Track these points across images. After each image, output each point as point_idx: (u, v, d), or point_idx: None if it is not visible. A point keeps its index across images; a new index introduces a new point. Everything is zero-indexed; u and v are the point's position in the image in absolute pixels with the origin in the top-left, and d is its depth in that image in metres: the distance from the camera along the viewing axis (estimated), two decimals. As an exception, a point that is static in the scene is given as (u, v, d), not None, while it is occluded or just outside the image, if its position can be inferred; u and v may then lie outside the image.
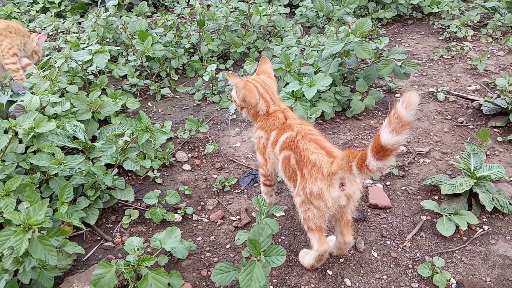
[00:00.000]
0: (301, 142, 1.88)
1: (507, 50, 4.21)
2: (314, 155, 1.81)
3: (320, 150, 1.83)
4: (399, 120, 1.42)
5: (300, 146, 1.88)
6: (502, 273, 1.97)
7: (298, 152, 1.87)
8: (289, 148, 1.92)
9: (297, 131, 1.93)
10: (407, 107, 1.40)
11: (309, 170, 1.81)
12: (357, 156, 1.64)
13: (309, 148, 1.85)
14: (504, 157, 2.74)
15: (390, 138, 1.47)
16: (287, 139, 1.94)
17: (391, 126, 1.45)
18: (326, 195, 1.76)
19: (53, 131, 2.46)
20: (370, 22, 3.09)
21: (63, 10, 5.76)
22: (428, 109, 3.37)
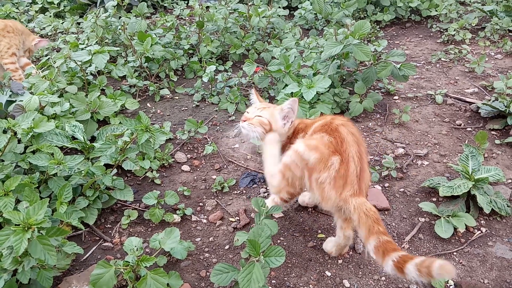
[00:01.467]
0: (342, 129, 1.86)
1: (505, 54, 4.24)
2: (353, 164, 1.79)
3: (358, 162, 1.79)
4: (427, 271, 1.45)
5: (341, 132, 1.84)
6: (500, 275, 1.98)
7: (338, 137, 1.83)
8: (324, 131, 1.89)
9: (331, 118, 1.96)
10: (440, 271, 1.43)
11: (340, 173, 1.78)
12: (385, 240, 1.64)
13: (352, 146, 1.82)
14: (502, 160, 2.75)
15: (412, 272, 1.50)
16: (320, 124, 1.95)
17: (419, 267, 1.48)
18: (329, 203, 1.81)
19: (52, 131, 2.46)
20: (369, 24, 3.11)
21: (62, 10, 5.76)
22: (426, 111, 3.39)
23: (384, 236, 1.65)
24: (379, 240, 1.63)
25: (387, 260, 1.58)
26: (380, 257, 1.61)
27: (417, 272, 1.47)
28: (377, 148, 2.95)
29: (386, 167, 2.66)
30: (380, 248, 1.62)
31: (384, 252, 1.60)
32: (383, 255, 1.60)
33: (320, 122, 1.98)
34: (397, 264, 1.54)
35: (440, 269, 1.42)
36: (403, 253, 1.56)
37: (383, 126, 3.20)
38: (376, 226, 1.67)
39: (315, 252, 2.13)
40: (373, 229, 1.66)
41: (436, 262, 1.44)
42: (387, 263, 1.58)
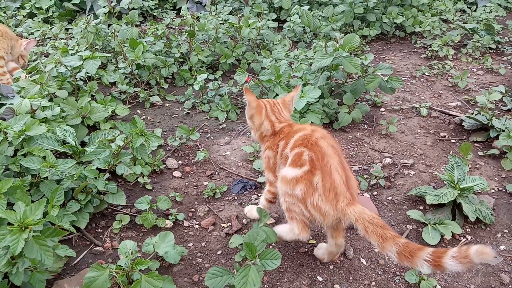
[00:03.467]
0: (322, 142, 1.88)
1: (486, 70, 4.40)
2: (337, 175, 1.81)
3: (342, 172, 1.82)
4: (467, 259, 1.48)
5: (322, 146, 1.86)
6: (485, 281, 2.04)
7: (318, 151, 1.85)
8: (303, 146, 1.90)
9: (311, 129, 1.97)
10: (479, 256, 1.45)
11: (326, 187, 1.80)
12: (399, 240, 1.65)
13: (334, 158, 1.84)
14: (485, 171, 2.85)
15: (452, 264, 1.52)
16: (300, 137, 1.94)
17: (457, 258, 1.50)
18: (329, 218, 1.82)
19: (43, 135, 2.45)
20: (358, 38, 3.20)
21: (50, 16, 5.73)
22: (412, 123, 3.48)
23: (400, 238, 1.66)
24: (398, 245, 1.63)
25: (418, 261, 1.58)
26: (409, 261, 1.60)
27: (458, 264, 1.49)
28: (365, 157, 3.01)
29: (374, 176, 2.73)
30: (405, 252, 1.61)
31: (411, 255, 1.60)
32: (411, 257, 1.59)
33: (301, 134, 1.96)
34: (433, 263, 1.55)
35: (478, 253, 1.44)
36: (432, 249, 1.57)
37: (371, 136, 3.28)
38: (387, 231, 1.68)
39: (307, 258, 2.16)
40: (386, 235, 1.66)
41: (472, 248, 1.46)
42: (421, 264, 1.57)
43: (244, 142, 3.22)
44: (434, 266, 1.55)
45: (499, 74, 4.27)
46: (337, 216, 1.81)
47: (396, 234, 1.68)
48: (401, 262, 1.64)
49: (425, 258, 1.56)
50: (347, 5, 5.11)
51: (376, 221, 1.71)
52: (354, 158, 3.01)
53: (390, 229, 1.70)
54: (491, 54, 4.78)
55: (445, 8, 5.71)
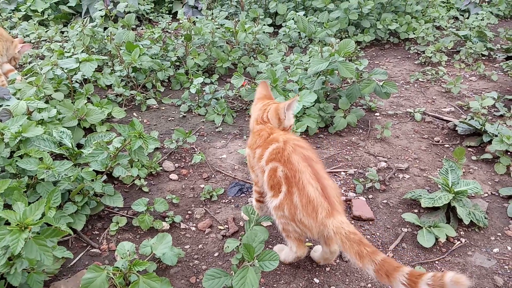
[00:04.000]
0: (294, 157, 1.87)
1: (479, 76, 4.46)
2: (311, 187, 1.81)
3: (316, 183, 1.81)
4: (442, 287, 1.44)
5: (293, 163, 1.86)
6: (479, 283, 2.07)
7: (291, 169, 1.85)
8: (277, 160, 1.91)
9: (283, 141, 1.94)
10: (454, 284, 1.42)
11: (303, 203, 1.81)
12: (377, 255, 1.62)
13: (305, 173, 1.83)
14: (478, 175, 2.89)
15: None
16: (273, 151, 1.94)
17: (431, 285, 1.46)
18: (313, 231, 1.83)
19: (40, 137, 2.45)
20: (353, 43, 3.24)
21: (46, 19, 5.72)
22: (406, 128, 3.52)
23: (376, 255, 1.61)
24: (375, 263, 1.60)
25: (394, 282, 1.54)
26: (385, 280, 1.57)
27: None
28: (360, 161, 3.04)
29: (369, 180, 2.75)
30: (381, 271, 1.57)
31: (387, 275, 1.56)
32: (387, 277, 1.56)
33: (274, 147, 1.95)
34: (409, 285, 1.51)
35: (453, 282, 1.41)
36: (408, 271, 1.53)
37: (366, 140, 3.31)
38: (363, 248, 1.63)
39: (303, 260, 2.17)
40: (362, 253, 1.63)
41: (448, 275, 1.42)
42: (397, 285, 1.53)
43: (241, 145, 3.23)
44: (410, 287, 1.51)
45: (491, 80, 4.33)
46: (319, 229, 1.80)
47: (373, 250, 1.63)
48: (379, 280, 1.61)
49: (401, 280, 1.52)
50: (342, 11, 5.17)
51: (352, 237, 1.68)
52: (350, 162, 3.04)
53: (367, 245, 1.65)
54: (483, 60, 4.85)
55: (438, 15, 5.79)
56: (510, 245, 2.29)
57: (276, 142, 1.97)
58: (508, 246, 2.28)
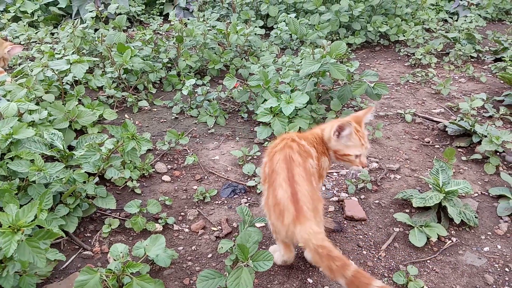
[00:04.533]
0: (276, 156, 1.85)
1: (468, 77, 4.52)
2: (281, 190, 1.76)
3: (288, 187, 1.76)
4: None
5: (274, 161, 1.84)
6: (470, 281, 2.09)
7: (270, 167, 1.85)
8: (267, 155, 1.92)
9: (282, 138, 1.94)
10: None
11: (273, 204, 1.79)
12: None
13: (280, 174, 1.79)
14: (468, 175, 2.92)
15: None
16: (272, 145, 1.97)
17: None
18: (282, 235, 1.80)
19: (31, 139, 2.43)
20: (345, 45, 3.27)
21: (36, 20, 5.67)
22: (397, 129, 3.55)
23: (347, 270, 1.55)
24: (345, 278, 1.55)
25: None
26: None
27: None
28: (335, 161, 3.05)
29: (362, 180, 2.77)
30: (352, 285, 1.54)
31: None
32: None
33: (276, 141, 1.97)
34: None
35: None
36: (380, 285, 1.51)
37: (358, 141, 3.33)
38: (332, 263, 1.57)
39: (297, 260, 2.17)
40: (331, 267, 1.58)
41: None
42: None
43: (233, 146, 3.24)
44: None
45: (480, 82, 4.39)
46: (286, 234, 1.74)
47: (343, 264, 1.57)
48: None
49: None
50: (333, 14, 5.21)
51: (320, 251, 1.61)
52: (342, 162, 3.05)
53: (336, 259, 1.58)
54: (472, 62, 4.92)
55: (427, 18, 5.86)
56: (500, 243, 2.32)
57: (279, 137, 1.98)
58: (498, 245, 2.31)
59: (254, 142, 3.27)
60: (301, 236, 1.66)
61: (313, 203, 1.77)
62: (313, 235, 1.64)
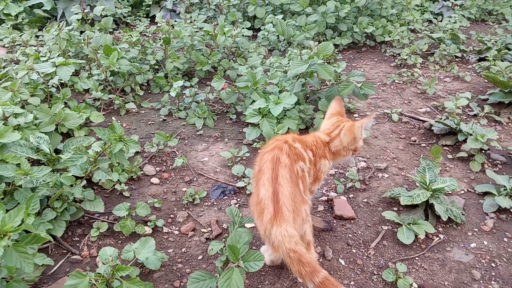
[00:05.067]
0: (265, 156, 1.86)
1: (453, 77, 4.59)
2: (264, 189, 1.77)
3: (270, 187, 1.76)
4: None
5: (262, 161, 1.86)
6: (458, 277, 2.12)
7: (258, 165, 1.88)
8: (259, 154, 1.94)
9: (276, 139, 1.95)
10: None
11: (255, 202, 1.81)
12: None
13: (265, 174, 1.80)
14: (454, 173, 2.97)
15: None
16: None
17: None
18: (261, 233, 1.79)
19: (17, 142, 2.39)
20: (332, 45, 3.29)
21: (20, 23, 5.60)
22: (384, 128, 3.59)
23: (316, 276, 1.58)
24: (314, 284, 1.58)
25: None
26: None
27: None
28: (340, 162, 3.08)
29: (350, 179, 2.79)
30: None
31: None
32: None
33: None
34: None
35: None
36: None
37: (346, 141, 3.36)
38: (302, 268, 1.59)
39: (287, 260, 2.18)
40: (301, 272, 1.60)
41: None
42: None
43: (222, 148, 3.23)
44: None
45: (465, 81, 4.46)
46: (264, 232, 1.73)
47: (312, 270, 1.59)
48: None
49: None
50: (319, 15, 5.24)
51: (292, 256, 1.62)
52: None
53: (307, 264, 1.60)
54: (457, 62, 4.99)
55: (412, 19, 5.93)
56: (486, 240, 2.36)
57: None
58: (484, 241, 2.35)
59: (243, 143, 3.28)
60: (276, 237, 1.66)
61: (294, 205, 1.76)
62: (287, 238, 1.64)
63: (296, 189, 1.83)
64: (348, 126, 2.07)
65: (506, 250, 2.29)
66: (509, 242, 2.34)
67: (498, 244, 2.33)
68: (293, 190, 1.79)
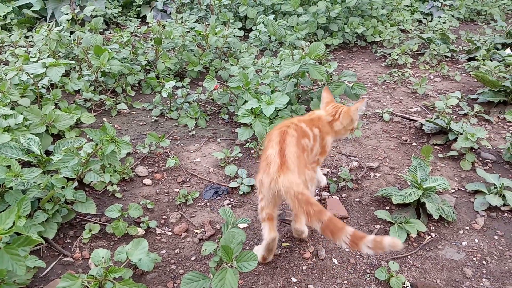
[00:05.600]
0: (273, 132, 2.06)
1: (443, 77, 4.63)
2: (272, 149, 1.96)
3: (277, 146, 1.95)
4: (380, 249, 1.68)
5: (271, 135, 2.05)
6: (450, 275, 2.14)
7: (268, 139, 2.06)
8: (267, 135, 2.14)
9: (283, 123, 2.14)
10: (391, 247, 1.67)
11: (263, 161, 1.99)
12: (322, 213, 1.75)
13: (273, 141, 1.99)
14: (445, 172, 2.99)
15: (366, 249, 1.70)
16: None
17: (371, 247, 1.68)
18: (265, 186, 1.93)
19: (7, 144, 2.37)
20: (323, 46, 3.30)
21: (9, 23, 5.54)
22: (375, 128, 3.61)
23: (323, 215, 1.73)
24: (322, 222, 1.73)
25: (338, 240, 1.72)
26: (331, 237, 1.74)
27: (371, 250, 1.68)
28: (333, 161, 3.10)
29: (342, 179, 2.81)
30: (327, 230, 1.73)
31: (332, 233, 1.72)
32: (332, 235, 1.73)
33: None
34: (351, 244, 1.70)
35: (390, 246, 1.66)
36: (351, 232, 1.70)
37: (337, 141, 3.37)
38: (310, 207, 1.76)
39: (281, 260, 2.19)
40: (309, 212, 1.75)
41: (386, 240, 1.65)
42: (340, 243, 1.72)
43: (215, 148, 3.23)
44: (351, 246, 1.72)
45: (455, 80, 4.50)
46: (271, 184, 1.88)
47: (320, 210, 1.74)
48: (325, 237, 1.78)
49: (344, 239, 1.70)
50: (310, 15, 5.26)
51: (300, 197, 1.78)
52: (323, 162, 3.09)
53: (314, 204, 1.76)
54: (447, 62, 5.04)
55: (403, 19, 5.98)
56: (477, 238, 2.39)
57: None
58: (475, 239, 2.38)
59: (236, 144, 3.28)
60: (284, 184, 1.82)
61: (299, 164, 1.95)
62: (295, 184, 1.81)
63: (301, 154, 2.01)
64: (345, 110, 2.33)
65: (497, 248, 2.31)
66: (499, 240, 2.37)
67: (489, 242, 2.35)
68: (298, 153, 1.98)
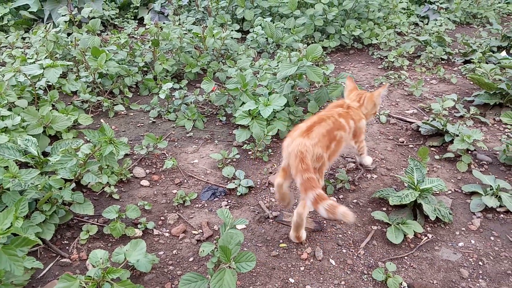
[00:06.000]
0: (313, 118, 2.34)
1: (439, 79, 4.66)
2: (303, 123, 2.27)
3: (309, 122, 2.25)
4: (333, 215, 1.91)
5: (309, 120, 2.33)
6: (447, 276, 2.16)
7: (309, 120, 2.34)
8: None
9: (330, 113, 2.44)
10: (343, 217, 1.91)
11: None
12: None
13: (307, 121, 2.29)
14: (441, 173, 3.01)
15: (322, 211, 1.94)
16: None
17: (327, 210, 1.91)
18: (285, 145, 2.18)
19: (4, 145, 2.37)
20: (321, 48, 3.32)
21: (5, 25, 5.53)
22: (372, 130, 3.63)
23: (305, 173, 1.98)
24: (302, 179, 1.98)
25: (307, 197, 1.96)
26: (303, 192, 1.98)
27: (325, 213, 1.90)
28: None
29: (340, 180, 2.82)
30: (303, 186, 1.97)
31: (305, 190, 1.96)
32: (305, 191, 1.97)
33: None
34: (313, 202, 1.94)
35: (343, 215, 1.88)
36: (319, 192, 1.94)
37: (335, 143, 3.38)
38: (301, 164, 2.00)
39: (278, 261, 2.19)
40: (298, 167, 2.01)
41: (340, 208, 1.88)
42: (307, 200, 1.97)
43: (212, 150, 3.23)
44: (313, 204, 1.95)
45: (451, 83, 4.53)
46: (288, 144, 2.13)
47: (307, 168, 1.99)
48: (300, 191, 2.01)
49: (310, 197, 1.94)
50: (307, 18, 5.27)
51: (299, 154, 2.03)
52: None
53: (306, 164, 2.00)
54: (443, 64, 5.07)
55: (399, 22, 6.01)
56: (473, 239, 2.40)
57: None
58: (472, 240, 2.39)
59: (233, 145, 3.28)
60: (295, 144, 2.08)
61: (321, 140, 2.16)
62: (303, 146, 2.06)
63: (326, 139, 2.22)
64: (369, 96, 2.62)
65: (493, 249, 2.33)
66: (495, 240, 2.39)
67: (485, 243, 2.37)
68: (325, 136, 2.20)
